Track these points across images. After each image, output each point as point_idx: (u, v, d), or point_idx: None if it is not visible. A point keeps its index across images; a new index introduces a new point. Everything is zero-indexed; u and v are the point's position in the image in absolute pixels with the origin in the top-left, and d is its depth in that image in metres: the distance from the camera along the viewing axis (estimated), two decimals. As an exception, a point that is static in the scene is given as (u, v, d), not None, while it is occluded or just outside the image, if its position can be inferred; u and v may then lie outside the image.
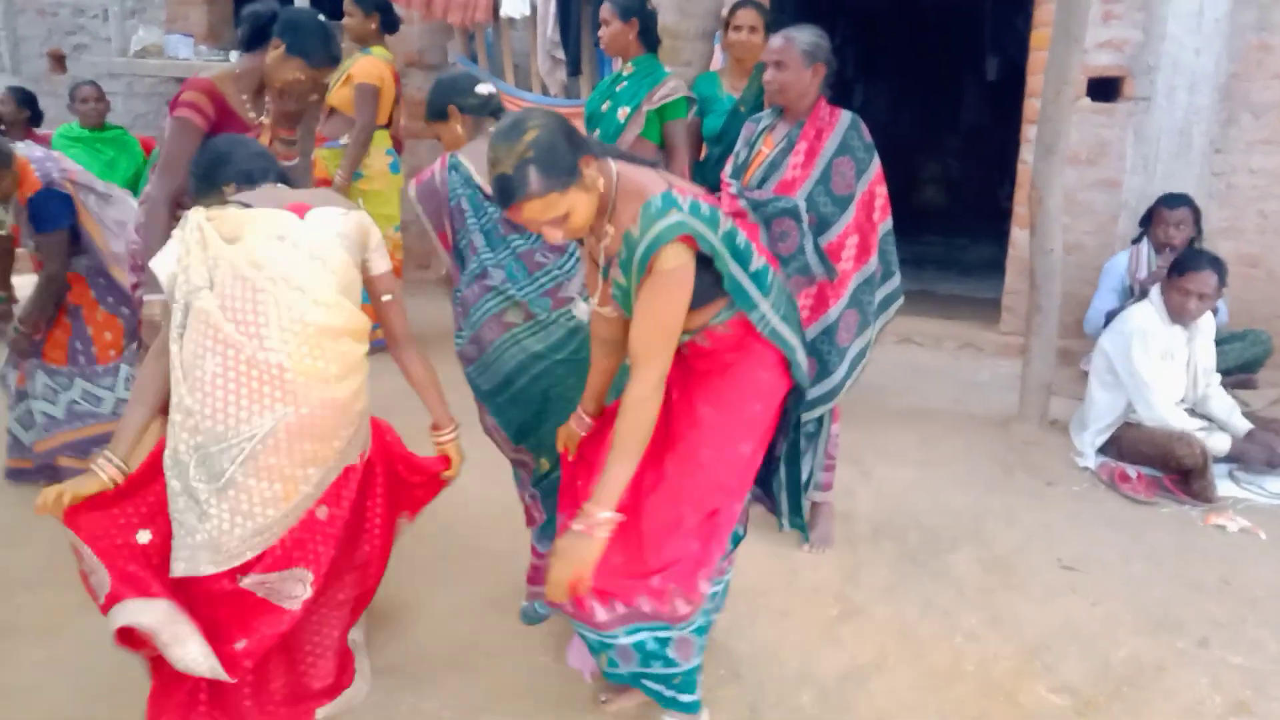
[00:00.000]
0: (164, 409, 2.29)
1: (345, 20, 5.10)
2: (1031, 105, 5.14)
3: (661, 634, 2.29)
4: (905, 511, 3.69)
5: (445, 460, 2.65)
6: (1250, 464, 3.97)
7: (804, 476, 3.40)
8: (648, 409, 2.17)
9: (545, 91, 6.12)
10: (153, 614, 2.15)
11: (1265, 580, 3.26)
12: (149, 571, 2.22)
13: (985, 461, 4.17)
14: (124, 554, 2.23)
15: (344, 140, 5.09)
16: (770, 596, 3.08)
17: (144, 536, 2.27)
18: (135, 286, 3.19)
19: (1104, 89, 5.19)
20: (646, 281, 2.14)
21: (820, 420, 3.38)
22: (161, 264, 2.25)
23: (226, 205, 2.30)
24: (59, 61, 7.92)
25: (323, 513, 2.31)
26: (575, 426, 2.54)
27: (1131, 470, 3.97)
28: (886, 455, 4.20)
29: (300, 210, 2.30)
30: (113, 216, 3.67)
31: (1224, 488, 3.90)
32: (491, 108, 2.86)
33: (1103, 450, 4.13)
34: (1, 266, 4.05)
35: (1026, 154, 5.17)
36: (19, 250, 6.06)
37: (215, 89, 3.09)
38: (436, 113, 2.86)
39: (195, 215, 2.24)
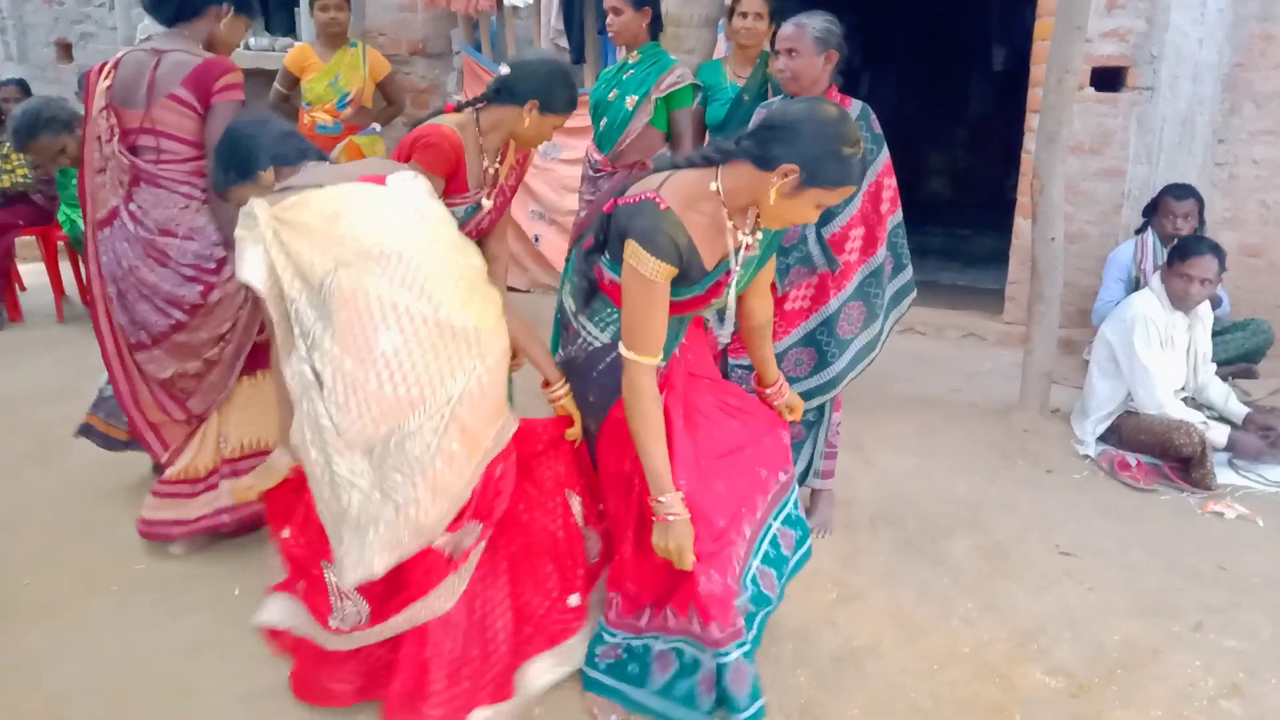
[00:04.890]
0: None
1: (336, 14, 5.12)
2: (1035, 95, 5.14)
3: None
4: (904, 498, 3.72)
5: (565, 419, 2.56)
6: (1243, 454, 3.98)
7: (805, 465, 3.45)
8: None
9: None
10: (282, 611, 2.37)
11: (1261, 567, 3.28)
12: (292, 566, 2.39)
13: (985, 450, 4.19)
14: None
15: (377, 127, 5.30)
16: (768, 580, 3.10)
17: (285, 533, 2.38)
18: (209, 289, 2.99)
19: (1108, 79, 5.19)
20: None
21: (821, 409, 3.41)
22: (252, 272, 2.09)
23: (291, 190, 2.18)
24: (65, 50, 7.95)
25: (498, 470, 2.29)
26: (681, 522, 2.25)
27: (1131, 458, 3.99)
28: (887, 443, 4.22)
29: (378, 179, 2.22)
30: None
31: (1223, 475, 3.91)
32: None
33: (1103, 438, 4.15)
34: None
35: (1030, 143, 5.18)
36: (27, 238, 6.14)
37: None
38: None
39: (263, 212, 2.10)
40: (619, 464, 2.46)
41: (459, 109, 2.90)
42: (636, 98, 4.17)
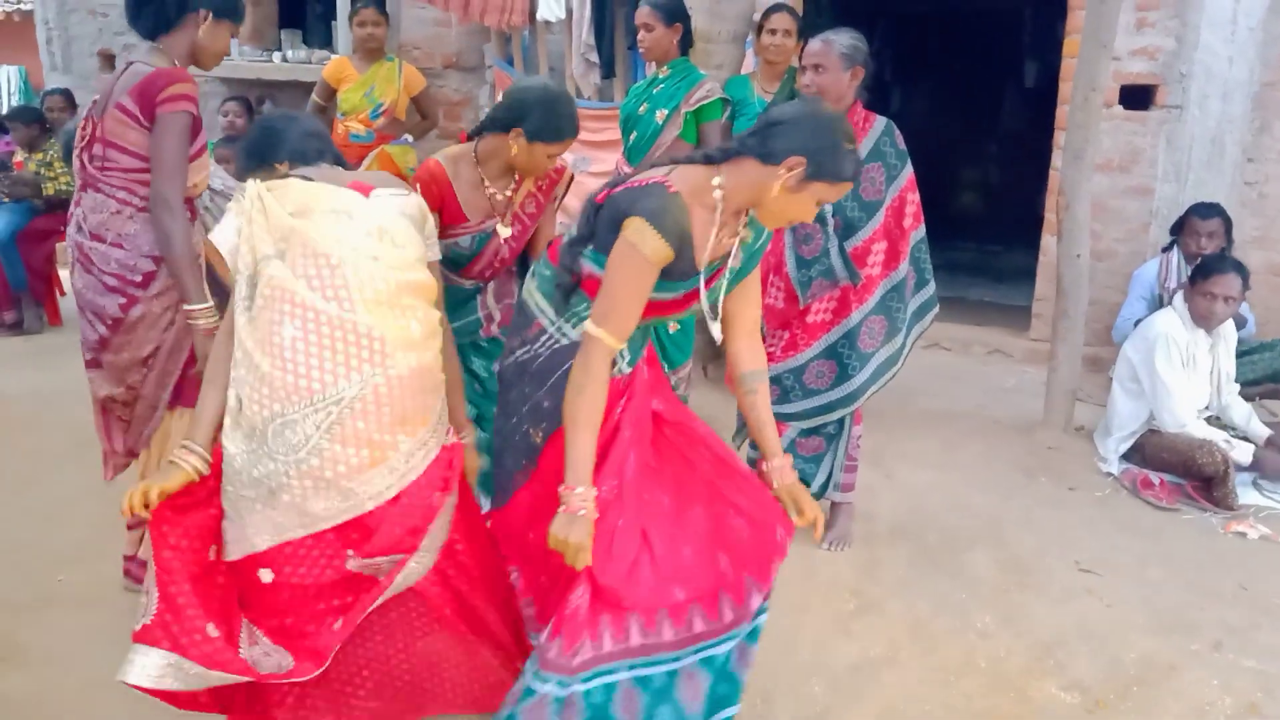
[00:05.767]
0: None
1: (374, 30, 5.23)
2: (1064, 112, 5.15)
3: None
4: (925, 512, 3.73)
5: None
6: (1268, 473, 3.96)
7: (824, 477, 3.47)
8: None
9: (579, 94, 6.21)
10: (171, 677, 2.06)
11: (1283, 587, 3.27)
12: (210, 596, 2.12)
13: (1007, 466, 4.20)
14: (189, 572, 2.11)
15: (409, 138, 5.40)
16: (786, 590, 3.11)
17: (213, 553, 2.18)
18: (131, 303, 2.85)
19: (1137, 97, 5.19)
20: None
21: (841, 422, 3.43)
22: (223, 236, 2.17)
23: (287, 178, 2.24)
24: (109, 61, 8.12)
25: (438, 499, 2.22)
26: (588, 520, 2.09)
27: (1154, 476, 3.98)
28: (909, 457, 4.24)
29: (364, 189, 2.25)
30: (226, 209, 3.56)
31: (1246, 495, 3.91)
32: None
33: (1126, 457, 4.15)
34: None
35: (1058, 160, 5.18)
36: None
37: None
38: None
39: (253, 187, 2.17)
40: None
41: (470, 138, 2.95)
42: (666, 111, 4.23)
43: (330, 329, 2.07)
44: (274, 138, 2.46)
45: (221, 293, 2.99)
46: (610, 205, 2.20)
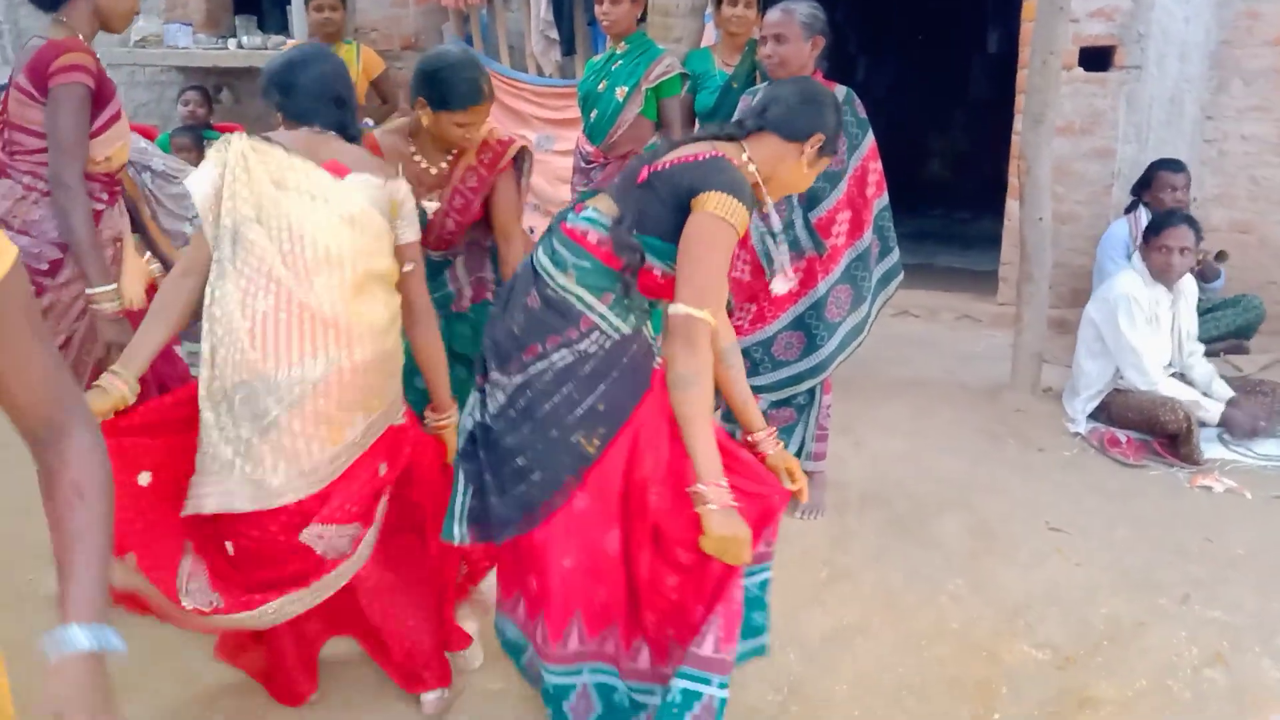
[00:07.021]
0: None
1: (331, 14, 5.14)
2: (1024, 76, 5.15)
3: None
4: (895, 479, 3.75)
5: (442, 445, 2.50)
6: (1236, 432, 4.01)
7: (796, 448, 3.49)
8: None
9: (540, 71, 6.17)
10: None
11: (1248, 539, 3.31)
12: (135, 518, 2.14)
13: (976, 430, 4.22)
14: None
15: (369, 122, 5.32)
16: (759, 562, 3.15)
17: (144, 479, 2.16)
18: (39, 293, 2.71)
19: (1096, 59, 5.20)
20: None
21: (812, 392, 3.44)
22: (197, 182, 2.17)
23: (270, 141, 2.21)
24: (62, 52, 7.99)
25: (383, 469, 2.29)
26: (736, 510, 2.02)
27: (1121, 434, 4.02)
28: (879, 425, 4.26)
29: (339, 171, 2.23)
30: (169, 193, 3.47)
31: (1212, 450, 3.94)
32: None
33: (1093, 416, 4.18)
34: None
35: (1020, 125, 5.19)
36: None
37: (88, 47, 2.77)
38: None
39: (239, 142, 2.17)
40: (629, 476, 2.16)
41: None
42: (627, 89, 4.21)
43: (299, 309, 2.12)
44: (287, 88, 2.36)
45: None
46: (663, 181, 2.12)
